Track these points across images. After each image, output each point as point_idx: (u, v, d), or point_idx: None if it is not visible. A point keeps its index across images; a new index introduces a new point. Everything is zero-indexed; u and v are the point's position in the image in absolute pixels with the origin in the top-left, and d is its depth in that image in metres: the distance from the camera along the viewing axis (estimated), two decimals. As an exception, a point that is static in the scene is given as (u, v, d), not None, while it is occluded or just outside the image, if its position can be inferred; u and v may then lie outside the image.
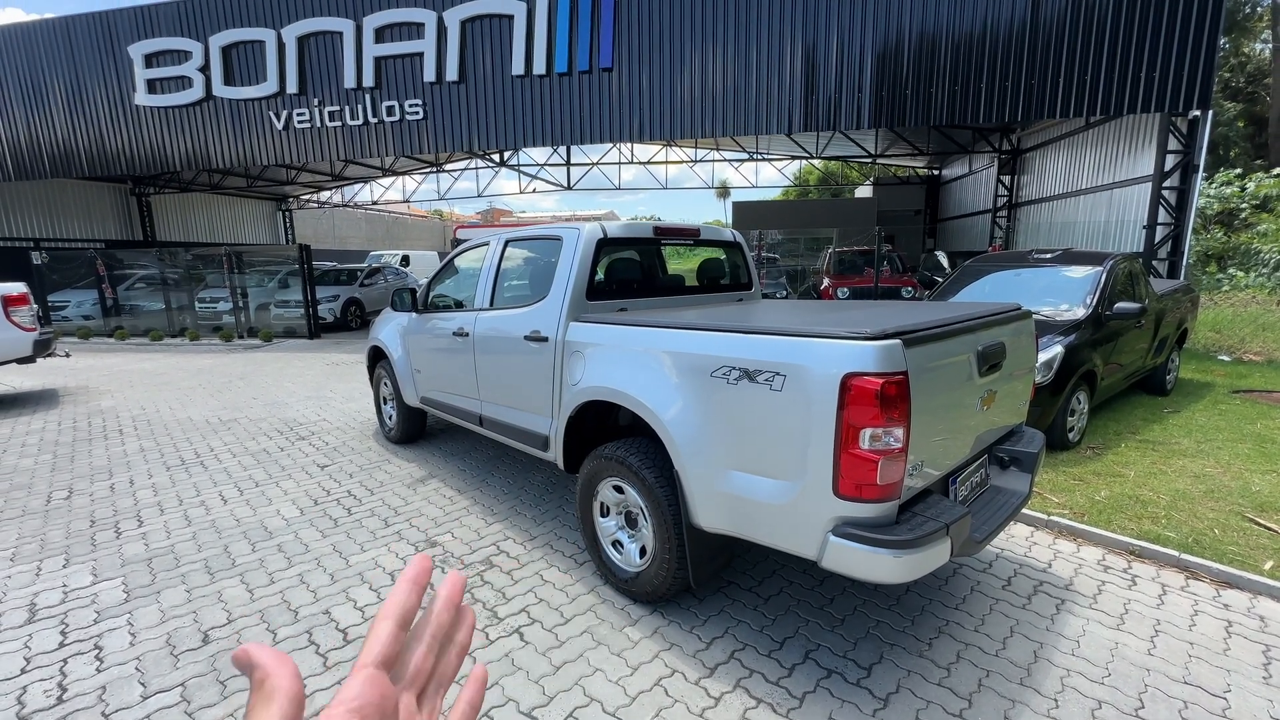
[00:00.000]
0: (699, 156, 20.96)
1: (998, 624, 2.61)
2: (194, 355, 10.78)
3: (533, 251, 3.65)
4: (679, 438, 2.36)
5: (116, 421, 6.13)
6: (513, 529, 3.58)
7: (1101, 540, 3.30)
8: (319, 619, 2.70)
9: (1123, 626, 2.59)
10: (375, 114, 10.90)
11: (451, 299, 4.37)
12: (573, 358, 2.99)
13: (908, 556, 1.87)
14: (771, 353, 2.07)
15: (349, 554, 3.29)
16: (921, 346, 1.98)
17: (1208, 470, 4.25)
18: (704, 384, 2.28)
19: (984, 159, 16.56)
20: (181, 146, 12.05)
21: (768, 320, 2.46)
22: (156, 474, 4.58)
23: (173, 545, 3.41)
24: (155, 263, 13.62)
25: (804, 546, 2.06)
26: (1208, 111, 8.50)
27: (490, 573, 3.08)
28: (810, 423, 1.96)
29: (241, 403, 6.87)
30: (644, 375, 2.53)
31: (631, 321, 2.71)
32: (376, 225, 36.25)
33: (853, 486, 1.90)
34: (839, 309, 3.07)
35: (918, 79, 9.12)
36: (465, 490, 4.18)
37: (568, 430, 3.04)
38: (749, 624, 2.63)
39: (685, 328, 2.42)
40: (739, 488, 2.20)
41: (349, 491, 4.17)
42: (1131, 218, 10.22)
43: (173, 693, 2.25)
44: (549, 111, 10.42)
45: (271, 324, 12.91)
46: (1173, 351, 6.39)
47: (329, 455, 4.94)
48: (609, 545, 2.89)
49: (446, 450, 5.04)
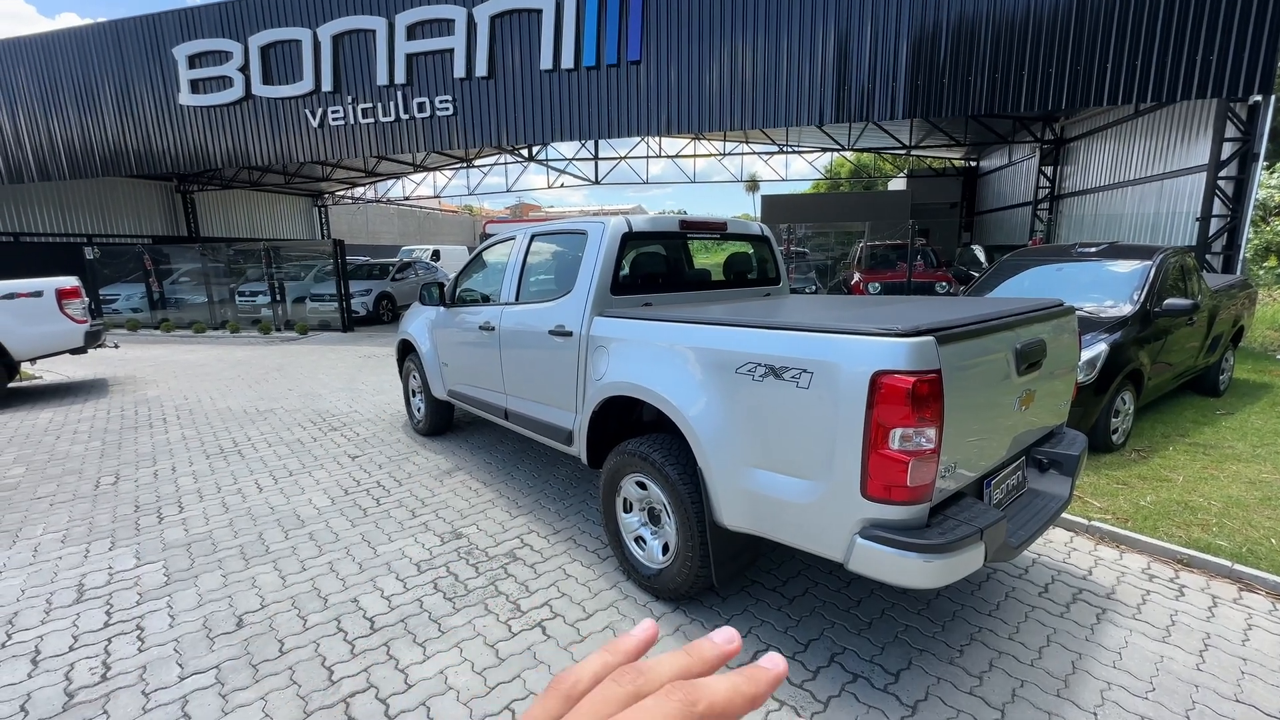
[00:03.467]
0: (728, 150, 20.73)
1: (1034, 632, 2.52)
2: (234, 347, 11.14)
3: (558, 246, 3.64)
4: (703, 435, 2.32)
5: (161, 411, 6.37)
6: (537, 522, 3.60)
7: (1146, 548, 3.15)
8: (347, 607, 2.75)
9: (1169, 639, 2.46)
10: (407, 110, 11.06)
11: (478, 293, 4.40)
12: (597, 353, 2.98)
13: (938, 561, 1.81)
14: (799, 349, 2.02)
15: (377, 543, 3.35)
16: (956, 344, 1.91)
17: (1264, 476, 4.02)
18: (729, 380, 2.24)
19: (1024, 149, 15.97)
20: (223, 145, 12.43)
21: (795, 316, 2.40)
22: (197, 461, 4.74)
23: (210, 531, 3.53)
24: (198, 258, 14.12)
25: (830, 548, 2.01)
26: (1270, 96, 8.02)
27: (514, 566, 3.10)
28: (838, 421, 1.91)
29: (278, 394, 7.06)
30: (668, 371, 2.50)
31: (656, 317, 2.68)
32: (408, 220, 36.94)
33: (881, 488, 1.85)
34: (869, 304, 2.98)
35: (955, 67, 8.82)
36: (491, 483, 4.22)
37: (591, 425, 3.03)
38: (773, 624, 2.58)
39: (710, 323, 2.38)
40: (763, 486, 2.16)
41: (378, 482, 4.25)
42: (1184, 209, 9.73)
43: (208, 674, 2.32)
44: (577, 106, 10.42)
45: (307, 317, 13.26)
46: (1227, 350, 6.07)
47: (360, 446, 5.05)
48: (632, 541, 2.88)
49: (473, 443, 5.10)
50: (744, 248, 3.98)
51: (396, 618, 2.67)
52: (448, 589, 2.89)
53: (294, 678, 2.30)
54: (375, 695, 2.20)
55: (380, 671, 2.33)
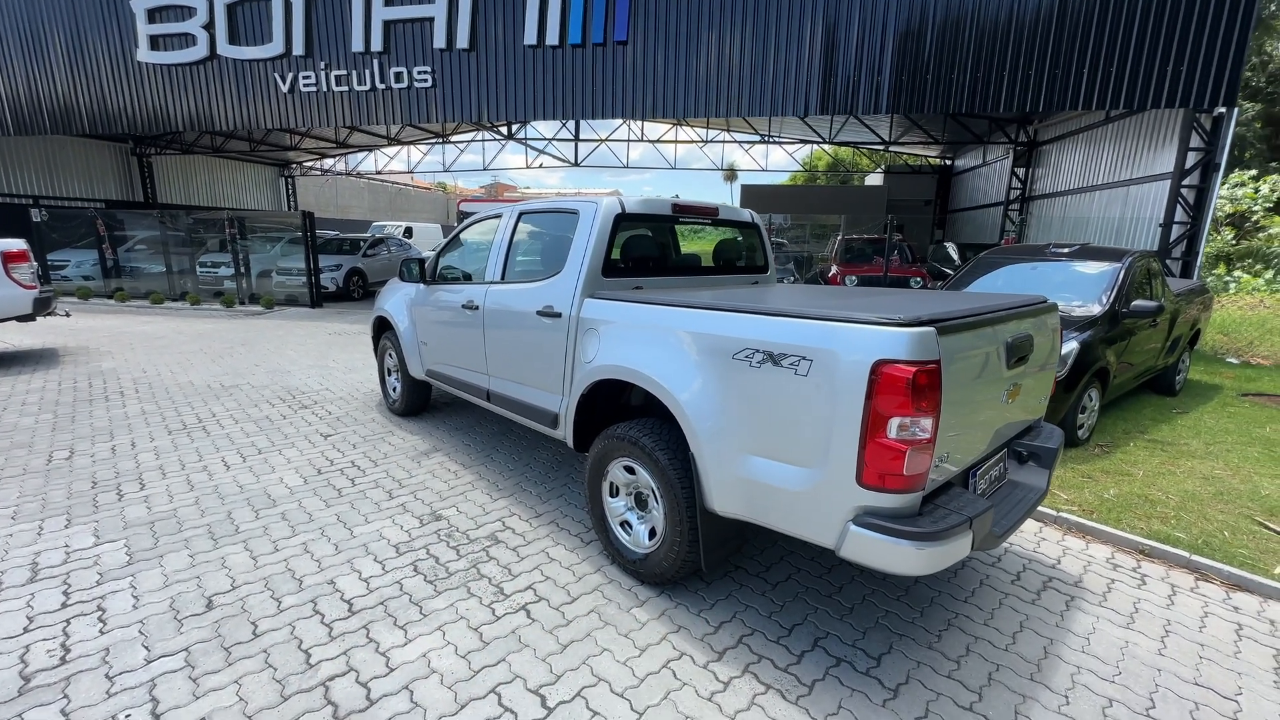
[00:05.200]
0: (709, 137, 20.64)
1: (1007, 618, 2.60)
2: (195, 320, 10.69)
3: (547, 225, 3.56)
4: (696, 420, 2.31)
5: (117, 383, 6.08)
6: (518, 505, 3.56)
7: (1111, 538, 3.28)
8: (324, 589, 2.68)
9: (1133, 625, 2.57)
10: (383, 80, 10.66)
11: (461, 271, 4.29)
12: (587, 335, 2.93)
13: (930, 549, 1.84)
14: (798, 336, 2.01)
15: (353, 525, 3.26)
16: (954, 335, 1.92)
17: (1217, 472, 4.22)
18: (725, 366, 2.22)
19: (998, 150, 16.31)
20: (184, 107, 11.80)
21: (791, 303, 2.40)
22: (158, 437, 4.54)
23: (175, 509, 3.39)
24: (156, 225, 13.46)
25: (823, 535, 2.02)
26: (1233, 109, 8.34)
27: (496, 549, 3.06)
28: (836, 409, 1.91)
29: (243, 369, 6.81)
30: (662, 355, 2.48)
31: (650, 300, 2.64)
32: (379, 196, 35.87)
33: (877, 476, 1.86)
34: (864, 295, 3.00)
35: (939, 64, 8.91)
36: (470, 465, 4.15)
37: (578, 409, 2.99)
38: (757, 609, 2.61)
39: (708, 308, 2.35)
40: (757, 473, 2.16)
41: (353, 462, 4.14)
42: (1147, 215, 10.09)
43: (177, 657, 2.23)
44: (560, 84, 10.20)
45: (273, 291, 12.81)
46: (1184, 352, 6.34)
47: (332, 425, 4.90)
48: (617, 526, 2.86)
49: (451, 424, 5.01)
50: (733, 234, 3.96)
51: (376, 600, 2.61)
52: (428, 571, 2.83)
53: (269, 660, 2.22)
54: (356, 679, 2.14)
55: (360, 654, 2.27)
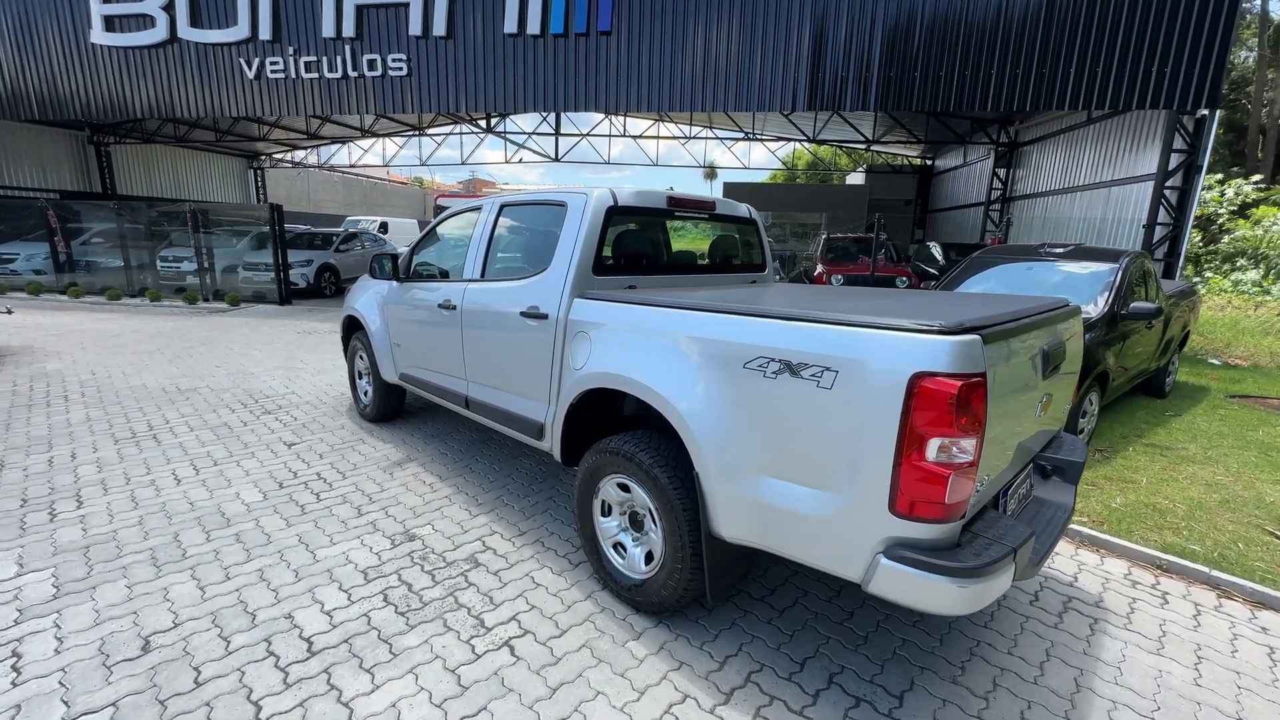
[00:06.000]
0: (691, 133, 20.43)
1: (1032, 646, 2.41)
2: (154, 317, 10.14)
3: (532, 218, 3.29)
4: (701, 436, 2.07)
5: (62, 386, 5.63)
6: (499, 522, 3.28)
7: (1125, 552, 3.13)
8: (280, 624, 2.38)
9: (1163, 651, 2.40)
10: (355, 67, 10.22)
11: (437, 268, 3.99)
12: (576, 339, 2.67)
13: (972, 586, 1.62)
14: (821, 344, 1.78)
15: (316, 547, 2.96)
16: (997, 344, 1.71)
17: (1219, 478, 4.13)
18: (735, 376, 1.98)
19: (979, 151, 16.40)
20: (143, 92, 11.21)
21: (806, 305, 2.17)
22: (103, 447, 4.15)
23: (115, 531, 3.04)
24: (114, 217, 12.77)
25: (846, 567, 1.80)
26: (1215, 111, 8.38)
27: (475, 573, 2.79)
28: (865, 427, 1.69)
29: (203, 371, 6.39)
30: (662, 363, 2.23)
31: (648, 301, 2.39)
32: (354, 190, 34.98)
33: (912, 503, 1.64)
34: (883, 296, 2.78)
35: (928, 62, 8.81)
36: (447, 477, 3.86)
37: (567, 419, 2.73)
38: (764, 640, 2.38)
39: (714, 310, 2.11)
40: (772, 496, 1.93)
41: (318, 474, 3.82)
42: (1129, 216, 10.15)
43: (102, 714, 1.92)
44: (541, 75, 9.88)
45: (239, 287, 12.25)
46: (1174, 354, 6.30)
47: (297, 432, 4.56)
48: (610, 548, 2.61)
49: (427, 431, 4.70)
50: (730, 230, 3.73)
51: (339, 637, 2.32)
52: (400, 601, 2.55)
53: (212, 716, 1.93)
54: (313, 736, 1.86)
55: (320, 706, 1.98)
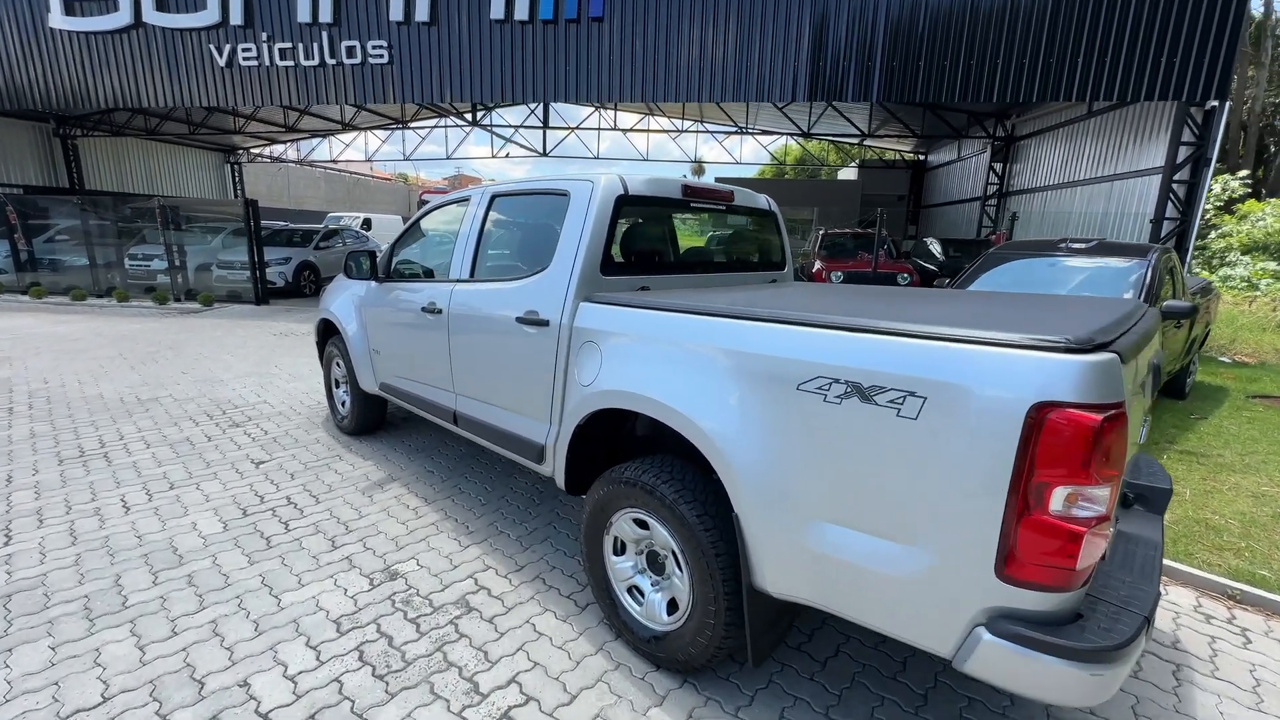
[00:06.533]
0: (683, 127, 20.05)
1: (1118, 703, 2.08)
2: (120, 319, 9.58)
3: (529, 210, 2.90)
4: (744, 471, 1.71)
5: (8, 397, 5.14)
6: (493, 554, 2.90)
7: (1192, 580, 2.83)
8: (233, 695, 1.98)
9: (1262, 706, 2.09)
10: (333, 54, 9.72)
11: (420, 266, 3.60)
12: (584, 350, 2.29)
13: (1105, 673, 1.28)
14: (902, 362, 1.42)
15: (282, 590, 2.56)
16: (1129, 362, 1.37)
17: (1264, 489, 3.86)
18: (788, 399, 1.62)
19: (974, 145, 16.20)
20: (107, 81, 10.61)
21: (862, 312, 1.81)
22: (45, 468, 3.70)
23: (45, 575, 2.62)
24: (79, 212, 12.13)
25: (933, 639, 1.45)
26: (1225, 103, 8.17)
27: (468, 620, 2.41)
28: (964, 470, 1.34)
29: (167, 378, 5.92)
30: (693, 382, 1.86)
31: (675, 307, 2.02)
32: (336, 186, 34.17)
33: (1029, 567, 1.29)
34: (958, 299, 2.41)
35: (932, 51, 8.51)
36: (433, 499, 3.47)
37: (573, 442, 2.36)
38: (809, 703, 2.03)
39: (760, 319, 1.74)
40: (834, 546, 1.58)
41: (288, 498, 3.41)
42: (1133, 210, 9.95)
43: (-2, 832, 1.53)
44: (530, 64, 9.45)
45: (213, 286, 11.69)
46: (1195, 354, 6.06)
47: (267, 448, 4.14)
48: (624, 592, 2.25)
49: (411, 445, 4.30)
50: (748, 224, 3.37)
51: (304, 712, 1.93)
52: (379, 660, 2.16)
53: (138, 831, 1.54)
54: None
55: (276, 811, 1.60)
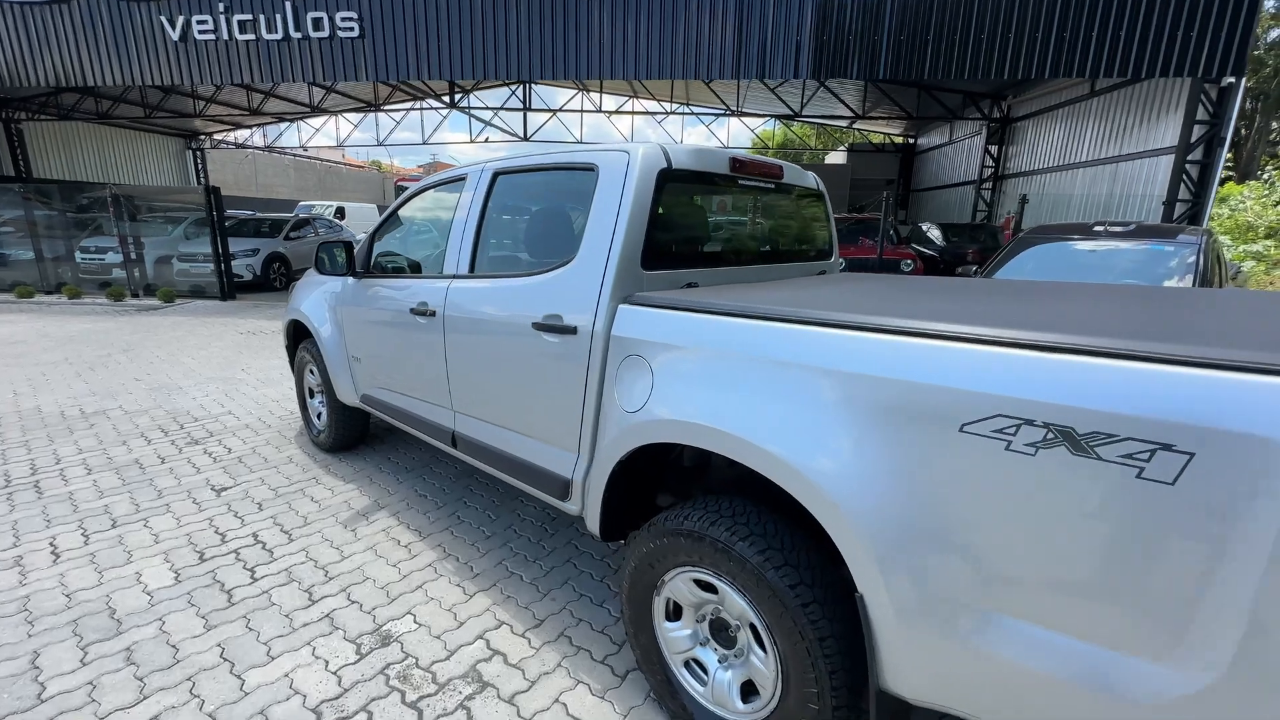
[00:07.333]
0: (671, 109, 19.44)
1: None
2: (70, 317, 8.80)
3: (544, 189, 2.40)
4: (877, 541, 1.25)
5: (-72, 413, 4.49)
6: (506, 604, 2.43)
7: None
8: (178, 837, 1.49)
9: None
10: (298, 27, 8.96)
11: (406, 260, 3.07)
12: (627, 365, 1.81)
13: None
14: (1140, 399, 0.97)
15: (247, 666, 2.05)
16: None
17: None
18: (948, 444, 1.16)
19: (968, 127, 15.89)
20: (45, 59, 9.73)
21: (1006, 315, 1.35)
22: (-40, 504, 3.12)
23: (-60, 656, 2.08)
24: (22, 202, 11.20)
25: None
26: (1241, 79, 7.89)
27: (482, 701, 1.93)
28: (1249, 556, 0.89)
29: (118, 386, 5.28)
30: (796, 416, 1.39)
31: (761, 314, 1.53)
32: (307, 174, 32.85)
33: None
34: (1062, 294, 1.95)
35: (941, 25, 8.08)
36: (428, 531, 2.97)
37: (611, 481, 1.88)
38: (926, 810, 1.60)
39: (902, 333, 1.27)
40: (1022, 649, 1.13)
41: (255, 535, 2.88)
42: (1139, 192, 9.70)
43: None
44: (514, 39, 8.83)
45: (175, 281, 10.90)
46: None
47: (231, 470, 3.59)
48: (679, 666, 1.80)
49: (400, 462, 3.78)
50: (797, 204, 2.90)
51: None
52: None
53: None
54: None
55: None
